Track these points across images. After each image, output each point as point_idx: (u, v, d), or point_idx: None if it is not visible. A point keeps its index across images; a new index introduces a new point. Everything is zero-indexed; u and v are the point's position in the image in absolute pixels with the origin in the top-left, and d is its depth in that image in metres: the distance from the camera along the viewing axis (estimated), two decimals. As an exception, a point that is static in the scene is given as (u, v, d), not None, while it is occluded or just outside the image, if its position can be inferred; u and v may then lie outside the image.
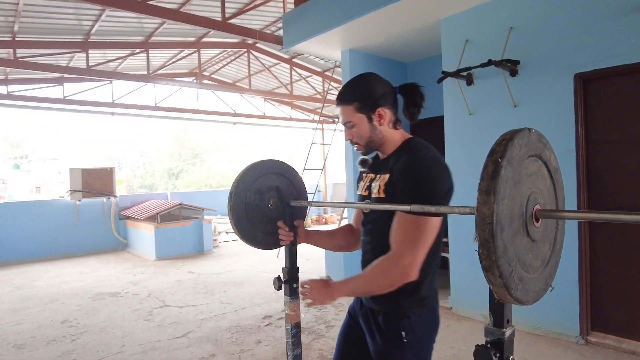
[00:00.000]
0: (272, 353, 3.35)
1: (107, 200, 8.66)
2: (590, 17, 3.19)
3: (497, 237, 0.76)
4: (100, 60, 8.19)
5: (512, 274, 0.80)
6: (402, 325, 1.35)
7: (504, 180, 0.78)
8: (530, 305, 0.91)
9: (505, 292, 0.80)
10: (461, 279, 4.10)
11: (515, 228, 0.84)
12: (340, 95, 1.45)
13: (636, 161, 3.15)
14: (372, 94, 1.41)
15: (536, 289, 0.92)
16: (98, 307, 4.73)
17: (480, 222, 0.77)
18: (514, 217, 0.83)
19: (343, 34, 4.68)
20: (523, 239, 0.87)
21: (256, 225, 1.65)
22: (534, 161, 0.95)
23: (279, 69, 9.99)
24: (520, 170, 0.87)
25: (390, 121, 1.45)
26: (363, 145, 1.46)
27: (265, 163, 1.67)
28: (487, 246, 0.77)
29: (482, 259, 0.78)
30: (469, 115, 3.98)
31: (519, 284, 0.83)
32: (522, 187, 0.86)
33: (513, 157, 0.82)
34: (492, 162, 0.80)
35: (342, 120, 1.45)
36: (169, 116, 10.95)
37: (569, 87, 3.34)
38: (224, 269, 6.60)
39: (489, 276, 0.79)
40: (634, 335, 3.19)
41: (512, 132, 0.86)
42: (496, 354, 0.90)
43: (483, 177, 0.79)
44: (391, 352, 1.36)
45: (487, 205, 0.76)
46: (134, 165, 33.66)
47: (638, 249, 3.16)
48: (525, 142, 0.88)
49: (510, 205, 0.81)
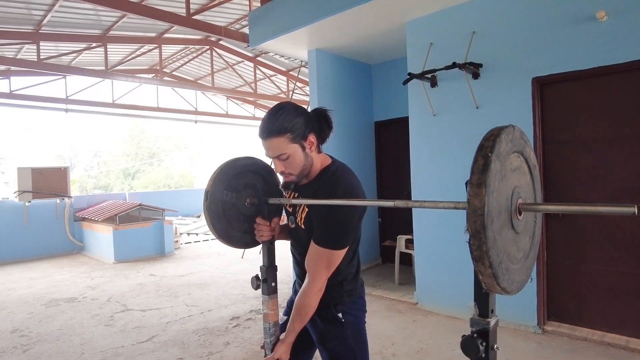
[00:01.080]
0: (241, 354, 3.31)
1: (61, 201, 8.22)
2: (547, 25, 3.37)
3: (488, 228, 0.79)
4: (52, 54, 7.76)
5: (500, 265, 0.84)
6: (338, 310, 1.55)
7: (494, 173, 0.82)
8: (514, 295, 0.95)
9: (493, 281, 0.83)
10: (426, 276, 4.21)
11: (502, 221, 0.87)
12: (268, 128, 1.39)
13: (586, 161, 3.36)
14: (301, 122, 1.41)
15: (519, 279, 0.97)
16: (53, 314, 4.48)
17: (472, 214, 0.79)
18: (501, 210, 0.86)
19: (310, 34, 4.69)
20: (508, 232, 0.91)
21: (233, 224, 1.62)
22: (517, 157, 0.99)
23: (243, 67, 9.87)
24: (506, 165, 0.90)
25: (317, 146, 1.49)
26: (296, 175, 1.47)
27: (241, 160, 1.63)
28: (478, 237, 0.79)
29: (473, 250, 0.81)
30: (433, 116, 4.10)
31: (506, 274, 0.87)
32: (507, 181, 0.90)
33: (500, 152, 0.86)
34: (482, 156, 0.82)
35: (274, 154, 1.42)
36: (128, 114, 10.56)
37: (527, 90, 3.51)
38: (187, 270, 6.44)
39: (479, 266, 0.82)
40: (586, 323, 3.40)
41: (498, 128, 0.89)
42: (482, 343, 0.93)
43: (474, 170, 0.81)
44: (333, 333, 1.55)
45: (479, 198, 0.79)
46: (87, 165, 32.12)
47: (590, 244, 3.37)
48: (510, 139, 0.92)
49: (498, 198, 0.84)
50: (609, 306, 3.30)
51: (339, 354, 1.55)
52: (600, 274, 3.33)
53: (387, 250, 5.95)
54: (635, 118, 3.14)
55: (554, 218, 3.53)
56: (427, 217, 4.19)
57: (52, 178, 8.10)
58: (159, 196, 11.12)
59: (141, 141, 31.34)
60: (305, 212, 1.50)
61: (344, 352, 1.54)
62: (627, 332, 3.20)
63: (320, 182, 1.50)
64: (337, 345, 1.54)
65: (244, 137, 28.75)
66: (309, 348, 1.72)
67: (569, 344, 3.25)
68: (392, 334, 3.59)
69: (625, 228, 3.21)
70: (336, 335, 1.54)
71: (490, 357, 0.95)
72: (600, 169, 3.31)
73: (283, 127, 1.38)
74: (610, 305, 3.29)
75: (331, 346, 1.55)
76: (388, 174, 5.91)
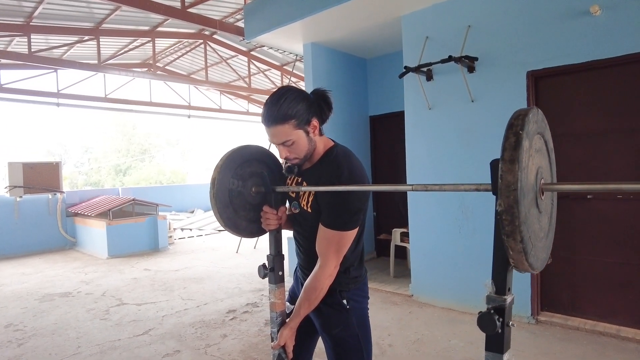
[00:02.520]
0: (239, 346, 3.32)
1: (53, 196, 8.14)
2: (542, 19, 3.41)
3: (521, 203, 0.81)
4: (43, 46, 7.66)
5: (530, 240, 0.86)
6: (343, 296, 1.55)
7: (525, 150, 0.83)
8: (537, 272, 0.97)
9: (523, 257, 0.85)
10: (421, 268, 4.25)
11: (530, 199, 0.89)
12: (271, 116, 1.38)
13: (578, 154, 3.42)
14: (304, 107, 1.41)
15: (542, 257, 0.99)
16: (47, 309, 4.45)
17: (505, 189, 0.81)
18: (530, 188, 0.88)
19: (305, 28, 4.69)
20: (534, 210, 0.93)
21: (240, 213, 1.61)
22: (540, 138, 1.01)
23: (237, 62, 9.82)
24: (532, 145, 0.92)
25: (318, 130, 1.49)
26: (301, 159, 1.48)
27: (247, 149, 1.62)
28: (511, 212, 0.81)
29: (505, 225, 0.82)
30: (429, 109, 4.13)
31: (533, 251, 0.89)
32: (533, 160, 0.92)
33: (529, 131, 0.88)
34: (514, 134, 0.84)
35: (278, 141, 1.42)
36: (120, 108, 10.47)
37: (522, 83, 3.55)
38: (182, 265, 6.42)
39: (510, 242, 0.83)
40: (578, 313, 3.47)
41: (525, 109, 0.91)
42: (499, 319, 0.96)
43: (505, 147, 0.83)
44: (338, 319, 1.55)
45: (512, 173, 0.80)
46: (78, 161, 31.76)
47: (582, 235, 3.43)
48: (535, 120, 0.94)
49: (528, 175, 0.86)
50: (601, 296, 3.36)
51: (343, 340, 1.55)
52: (593, 264, 3.39)
53: (381, 244, 5.99)
54: (627, 111, 3.19)
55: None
56: (423, 210, 4.22)
57: (43, 173, 8.01)
58: (152, 192, 11.06)
59: (132, 137, 31.04)
60: (312, 195, 1.50)
61: (349, 338, 1.54)
62: (617, 321, 3.27)
63: (325, 165, 1.50)
64: (342, 332, 1.55)
65: (238, 132, 28.65)
66: (312, 336, 1.73)
67: (561, 333, 3.31)
68: (389, 325, 3.62)
69: (615, 219, 3.27)
70: (341, 322, 1.55)
71: (505, 333, 0.98)
72: (593, 162, 3.36)
73: (287, 114, 1.38)
74: (601, 296, 3.36)
75: (336, 332, 1.55)
76: (383, 169, 5.94)
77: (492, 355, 0.97)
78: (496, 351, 0.96)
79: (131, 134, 30.91)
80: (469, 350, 3.09)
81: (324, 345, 1.62)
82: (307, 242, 1.59)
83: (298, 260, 1.73)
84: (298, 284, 1.72)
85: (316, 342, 1.77)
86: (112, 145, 31.09)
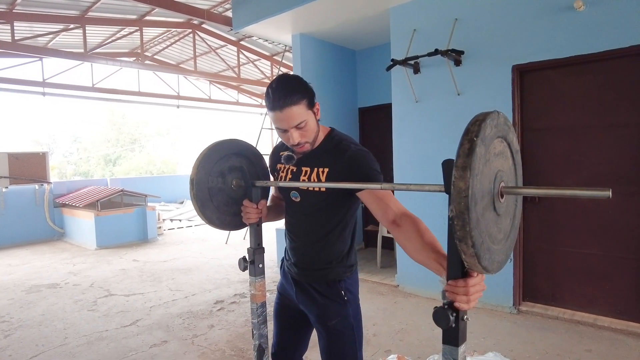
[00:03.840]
0: (226, 336, 3.36)
1: (40, 187, 8.06)
2: (528, 13, 3.43)
3: (472, 210, 0.83)
4: (28, 34, 7.51)
5: (482, 245, 0.88)
6: (341, 287, 1.57)
7: (478, 157, 0.85)
8: (494, 274, 1.00)
9: (475, 261, 0.87)
10: (407, 259, 4.31)
11: (485, 203, 0.91)
12: (282, 99, 1.35)
13: (562, 147, 3.47)
14: (310, 89, 1.43)
15: (499, 259, 1.01)
16: (34, 300, 4.45)
17: (456, 196, 0.83)
18: (484, 192, 0.90)
19: (294, 18, 4.67)
20: (491, 213, 0.95)
21: (222, 209, 1.63)
22: (501, 142, 1.02)
23: (226, 52, 9.73)
24: (490, 150, 0.94)
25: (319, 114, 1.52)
26: (310, 143, 1.47)
27: (224, 144, 1.63)
28: (462, 218, 0.83)
29: (456, 230, 0.84)
30: (416, 102, 4.15)
31: (487, 254, 0.91)
32: (491, 165, 0.93)
33: (485, 137, 0.89)
34: (468, 140, 0.85)
35: (292, 123, 1.38)
36: (108, 98, 10.34)
37: (508, 77, 3.59)
38: (170, 256, 6.43)
39: (462, 246, 0.85)
40: (558, 303, 3.56)
41: (484, 114, 0.92)
42: (453, 313, 0.99)
43: (459, 154, 0.84)
44: (336, 310, 1.56)
45: (464, 180, 0.82)
46: (67, 151, 31.35)
47: (563, 228, 3.50)
48: (495, 124, 0.95)
49: (482, 181, 0.88)
50: (579, 287, 3.45)
51: (339, 332, 1.55)
52: (572, 256, 3.47)
53: (369, 235, 6.05)
54: (608, 106, 3.25)
55: (530, 203, 3.65)
56: (409, 201, 4.26)
57: (30, 163, 7.92)
58: (141, 182, 10.98)
59: (122, 127, 30.68)
60: (325, 174, 1.48)
61: (344, 329, 1.55)
62: (595, 311, 3.36)
63: (328, 145, 1.52)
64: (338, 323, 1.55)
65: (228, 122, 28.48)
66: (307, 329, 1.74)
67: (541, 323, 3.39)
68: (374, 314, 3.68)
69: (595, 212, 3.34)
70: (338, 313, 1.55)
71: (460, 327, 1.01)
72: (575, 155, 3.42)
73: (298, 95, 1.37)
74: (580, 286, 3.44)
75: (332, 324, 1.55)
76: (371, 160, 5.95)
77: (449, 349, 1.01)
78: (452, 344, 1.00)
79: (121, 124, 30.55)
80: (451, 340, 3.15)
81: (318, 337, 1.63)
82: (306, 227, 1.59)
83: (287, 256, 1.71)
84: (287, 279, 1.70)
85: (310, 335, 1.78)
86: (101, 135, 30.72)
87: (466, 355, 2.89)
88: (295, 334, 1.74)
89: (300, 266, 1.62)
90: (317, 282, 1.58)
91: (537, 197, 3.61)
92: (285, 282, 1.73)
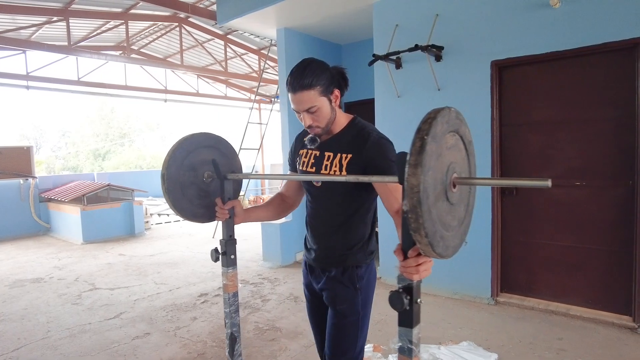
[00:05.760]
0: (208, 328, 3.40)
1: (25, 181, 7.99)
2: (506, 10, 3.49)
3: (424, 203, 0.88)
4: (10, 27, 7.41)
5: (435, 234, 0.94)
6: (355, 275, 1.60)
7: (429, 154, 0.90)
8: (449, 259, 1.06)
9: (430, 249, 0.93)
10: (389, 252, 4.38)
11: (437, 194, 0.96)
12: (299, 82, 1.43)
13: (538, 141, 3.55)
14: (328, 76, 1.48)
15: (454, 244, 1.07)
16: (17, 295, 4.44)
17: (409, 191, 0.88)
18: (436, 185, 0.96)
19: (278, 12, 4.67)
20: (443, 203, 1.01)
21: (194, 202, 1.67)
22: (453, 135, 1.08)
23: (213, 45, 9.68)
24: (442, 144, 0.99)
25: (339, 100, 1.56)
26: (323, 127, 1.52)
27: (193, 138, 1.66)
28: (415, 211, 0.88)
29: (410, 222, 0.90)
30: (397, 97, 4.20)
31: (441, 242, 0.97)
32: (443, 159, 0.99)
33: (436, 134, 0.94)
34: (419, 139, 0.90)
35: (303, 107, 1.46)
36: (94, 92, 10.23)
37: (487, 73, 3.64)
38: (157, 250, 6.44)
39: (417, 236, 0.91)
40: (534, 294, 3.65)
41: (435, 110, 0.97)
42: (407, 297, 1.05)
43: (412, 152, 0.90)
44: (346, 296, 1.60)
45: (416, 177, 0.88)
46: (55, 145, 30.97)
47: (539, 221, 3.59)
48: (446, 120, 1.00)
49: (434, 175, 0.94)
50: (554, 278, 3.54)
51: (344, 315, 1.60)
52: (548, 248, 3.56)
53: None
54: (582, 102, 3.33)
55: (508, 196, 3.73)
56: (391, 195, 4.32)
57: (14, 158, 7.86)
58: (129, 177, 10.94)
59: (111, 121, 30.38)
60: (347, 160, 1.51)
61: (350, 315, 1.59)
62: (568, 301, 3.46)
63: (351, 131, 1.56)
64: (346, 309, 1.59)
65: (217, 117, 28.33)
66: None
67: (517, 313, 3.48)
68: (355, 306, 3.74)
69: (569, 205, 3.43)
70: (348, 299, 1.59)
71: (414, 310, 1.07)
72: (550, 149, 3.50)
73: (312, 81, 1.43)
74: (555, 277, 3.54)
75: (341, 308, 1.60)
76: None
77: (404, 330, 1.07)
78: (407, 326, 1.06)
79: (110, 118, 30.25)
80: (430, 330, 3.23)
81: (327, 317, 1.67)
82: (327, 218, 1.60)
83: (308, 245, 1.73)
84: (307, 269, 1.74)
85: None
86: (90, 129, 30.40)
87: (441, 344, 2.95)
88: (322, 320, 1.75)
89: (320, 252, 1.64)
90: (335, 266, 1.61)
91: (515, 191, 3.69)
92: (307, 274, 1.76)
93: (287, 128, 5.25)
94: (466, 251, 3.82)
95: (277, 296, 4.14)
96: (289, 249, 5.33)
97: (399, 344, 1.11)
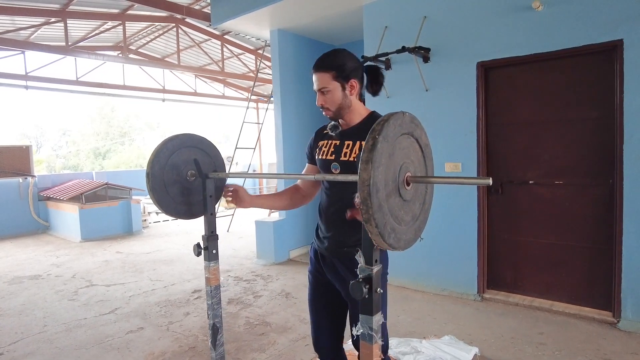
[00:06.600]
0: (200, 323, 3.49)
1: (24, 180, 8.09)
2: (492, 12, 3.57)
3: (374, 196, 0.97)
4: (9, 27, 7.50)
5: (385, 225, 1.02)
6: None
7: (380, 152, 0.99)
8: (402, 250, 1.14)
9: (380, 239, 1.02)
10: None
11: (389, 190, 1.05)
12: (318, 63, 1.59)
13: (523, 141, 3.63)
14: (347, 66, 1.59)
15: (407, 238, 1.16)
16: (15, 291, 4.54)
17: (361, 185, 0.97)
18: (388, 181, 1.04)
19: (272, 14, 4.76)
20: (396, 199, 1.09)
21: (177, 199, 1.77)
22: (407, 138, 1.17)
23: (210, 45, 9.76)
24: (395, 145, 1.08)
25: (358, 93, 1.66)
26: (333, 111, 1.63)
27: (177, 138, 1.76)
28: (365, 203, 0.97)
29: (362, 213, 0.99)
30: (387, 98, 4.28)
31: (392, 233, 1.05)
32: (395, 158, 1.08)
33: (388, 135, 1.03)
34: (372, 138, 1.00)
35: (318, 86, 1.60)
36: (93, 92, 10.33)
37: (473, 74, 3.72)
38: (153, 248, 6.53)
39: (368, 227, 1.00)
40: (519, 290, 3.73)
41: (389, 114, 1.06)
42: (366, 286, 1.13)
43: (364, 149, 0.99)
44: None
45: (367, 172, 0.97)
46: (55, 144, 31.10)
47: (524, 219, 3.67)
48: (399, 123, 1.09)
49: (385, 172, 1.02)
50: (539, 274, 3.63)
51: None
52: (532, 245, 3.64)
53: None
54: (564, 103, 3.41)
55: (494, 194, 3.81)
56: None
57: (13, 157, 7.96)
58: (127, 175, 11.01)
59: (111, 120, 30.52)
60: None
61: None
62: (551, 297, 3.55)
63: (371, 121, 1.62)
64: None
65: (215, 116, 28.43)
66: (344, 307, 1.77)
67: (502, 309, 3.57)
68: (344, 302, 3.83)
69: (553, 203, 3.51)
70: None
71: (374, 298, 1.15)
72: (534, 149, 3.58)
73: (329, 65, 1.58)
74: (539, 274, 3.62)
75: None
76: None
77: (365, 318, 1.15)
78: (367, 314, 1.15)
79: (110, 117, 30.38)
80: (414, 325, 3.32)
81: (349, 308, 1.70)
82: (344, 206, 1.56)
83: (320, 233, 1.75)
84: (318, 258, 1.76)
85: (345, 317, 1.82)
86: (90, 128, 30.53)
87: (424, 339, 3.03)
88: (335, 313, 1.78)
89: (334, 241, 1.67)
90: (347, 256, 1.61)
91: (500, 189, 3.77)
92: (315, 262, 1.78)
93: (281, 128, 5.33)
94: (453, 248, 3.91)
95: (269, 292, 4.23)
96: (282, 247, 5.42)
97: (360, 331, 1.20)
